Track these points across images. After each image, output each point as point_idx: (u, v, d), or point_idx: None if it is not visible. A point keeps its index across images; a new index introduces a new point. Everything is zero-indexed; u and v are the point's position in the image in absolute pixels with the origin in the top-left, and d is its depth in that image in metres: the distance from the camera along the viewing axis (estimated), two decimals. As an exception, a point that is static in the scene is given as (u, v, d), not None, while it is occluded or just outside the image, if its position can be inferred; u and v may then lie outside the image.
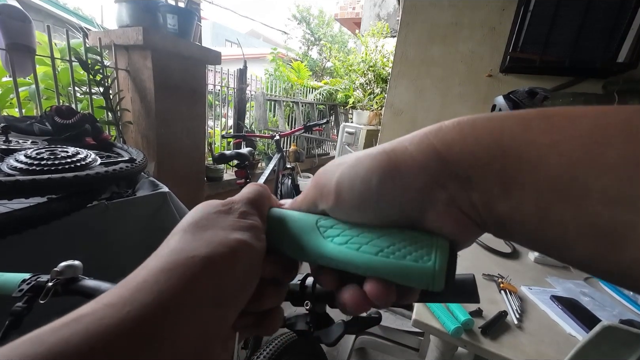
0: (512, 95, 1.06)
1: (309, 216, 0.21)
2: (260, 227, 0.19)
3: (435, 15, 1.90)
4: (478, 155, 0.14)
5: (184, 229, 0.18)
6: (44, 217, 0.64)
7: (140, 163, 0.87)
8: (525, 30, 1.57)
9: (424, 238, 0.17)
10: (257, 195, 0.21)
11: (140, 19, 1.37)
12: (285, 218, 0.21)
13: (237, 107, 2.46)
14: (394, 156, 0.17)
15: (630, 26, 1.35)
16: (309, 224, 0.20)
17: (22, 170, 0.65)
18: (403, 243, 0.17)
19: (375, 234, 0.18)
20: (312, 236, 0.20)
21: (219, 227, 0.18)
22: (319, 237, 0.19)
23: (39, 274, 0.43)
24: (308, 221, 0.20)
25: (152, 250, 0.20)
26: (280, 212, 0.22)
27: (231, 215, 0.19)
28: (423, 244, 0.17)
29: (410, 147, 0.16)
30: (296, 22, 7.52)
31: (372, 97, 3.58)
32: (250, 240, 0.17)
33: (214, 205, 0.19)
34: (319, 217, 0.21)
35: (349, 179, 0.18)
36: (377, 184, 0.17)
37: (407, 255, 0.17)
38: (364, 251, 0.18)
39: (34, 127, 0.93)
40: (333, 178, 0.19)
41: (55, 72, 1.25)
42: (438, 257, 0.16)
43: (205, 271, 0.15)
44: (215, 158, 1.37)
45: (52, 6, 4.90)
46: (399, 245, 0.17)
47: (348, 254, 0.18)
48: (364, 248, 0.18)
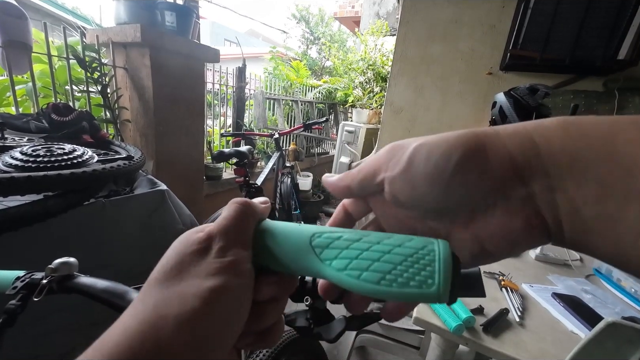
0: (513, 92, 1.05)
1: (301, 232, 0.19)
2: (243, 259, 0.18)
3: (435, 13, 1.89)
4: (583, 155, 0.13)
5: (157, 278, 0.17)
6: (40, 215, 0.63)
7: (138, 161, 0.87)
8: (526, 27, 1.57)
9: (425, 252, 0.16)
10: (236, 219, 0.19)
11: (138, 16, 1.36)
12: (276, 234, 0.20)
13: (236, 105, 2.45)
14: (484, 138, 0.15)
15: (631, 23, 1.34)
16: (303, 243, 0.19)
17: (18, 167, 0.64)
18: (405, 265, 0.16)
19: (374, 254, 0.17)
20: (308, 257, 0.18)
21: (193, 275, 0.16)
22: (315, 260, 0.18)
23: (33, 272, 0.42)
24: (301, 239, 0.19)
25: (149, 248, 0.19)
26: (270, 227, 0.20)
27: (208, 256, 0.17)
28: (425, 262, 0.16)
29: (503, 133, 0.15)
30: (295, 21, 7.50)
31: (372, 96, 3.58)
32: (229, 283, 0.16)
33: (190, 243, 0.18)
34: (313, 232, 0.19)
35: (428, 149, 0.17)
36: (456, 161, 0.15)
37: (410, 281, 0.16)
38: (365, 280, 0.17)
39: (30, 125, 0.92)
40: (410, 145, 0.18)
41: (53, 69, 1.24)
42: (442, 277, 0.16)
43: (180, 330, 0.14)
44: (214, 156, 1.37)
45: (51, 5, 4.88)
46: (400, 268, 0.16)
47: (350, 282, 0.17)
48: (365, 276, 0.17)
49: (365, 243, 0.18)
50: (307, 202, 2.92)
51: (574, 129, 0.14)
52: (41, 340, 0.68)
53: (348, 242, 0.18)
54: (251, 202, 0.21)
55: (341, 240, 0.18)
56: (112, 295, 0.38)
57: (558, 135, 0.14)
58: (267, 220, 0.21)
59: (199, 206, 1.82)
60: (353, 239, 0.18)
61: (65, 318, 0.69)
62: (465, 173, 0.15)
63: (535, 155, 0.14)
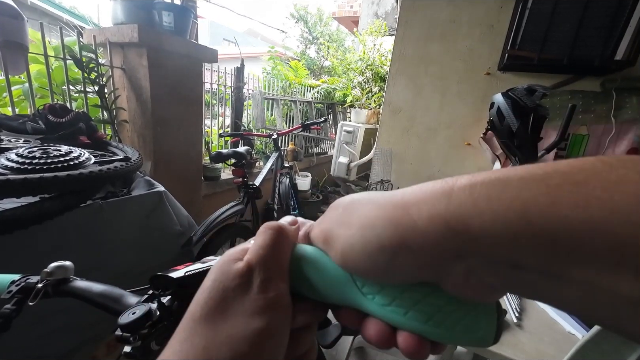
0: (510, 93, 1.05)
1: None
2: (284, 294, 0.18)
3: (433, 13, 1.90)
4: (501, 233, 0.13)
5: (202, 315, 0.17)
6: (36, 217, 0.63)
7: (135, 162, 0.86)
8: (523, 28, 1.57)
9: None
10: (273, 248, 0.19)
11: (136, 16, 1.35)
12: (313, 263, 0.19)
13: (234, 105, 2.44)
14: (403, 231, 0.15)
15: (628, 24, 1.35)
16: (343, 274, 0.18)
17: (14, 169, 0.63)
18: (450, 307, 0.16)
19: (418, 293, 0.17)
20: (348, 289, 0.18)
21: (239, 313, 0.16)
22: (357, 293, 0.18)
23: (28, 275, 0.42)
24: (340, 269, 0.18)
25: (147, 250, 0.18)
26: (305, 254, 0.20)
27: (251, 291, 0.17)
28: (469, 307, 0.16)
29: (419, 221, 0.15)
30: (294, 21, 7.49)
31: (371, 96, 3.58)
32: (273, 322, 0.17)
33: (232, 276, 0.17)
34: None
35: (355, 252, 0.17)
36: (385, 261, 0.16)
37: (456, 325, 0.16)
38: (412, 318, 0.17)
39: (26, 126, 0.91)
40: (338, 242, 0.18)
41: (49, 70, 1.24)
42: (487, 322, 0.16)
43: None
44: (212, 157, 1.36)
45: (48, 4, 4.85)
46: (446, 309, 0.16)
47: (395, 318, 0.17)
48: (411, 315, 0.17)
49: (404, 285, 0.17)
50: (306, 202, 2.92)
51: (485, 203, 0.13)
52: (40, 342, 0.67)
53: None
54: (285, 227, 0.20)
55: None
56: (108, 299, 0.38)
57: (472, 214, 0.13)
58: (300, 246, 0.21)
59: (197, 207, 1.82)
60: None
61: (63, 320, 0.69)
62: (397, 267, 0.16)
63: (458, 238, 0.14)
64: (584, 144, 1.52)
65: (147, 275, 0.31)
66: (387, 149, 2.16)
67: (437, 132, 1.99)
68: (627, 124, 1.41)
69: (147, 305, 0.30)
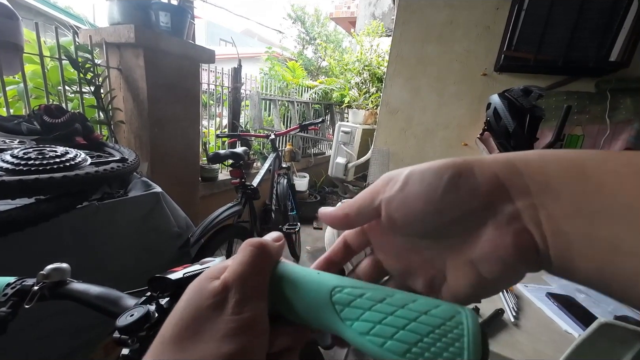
0: (507, 94, 1.06)
1: (321, 284, 0.18)
2: (261, 315, 0.17)
3: (430, 14, 1.91)
4: (557, 173, 0.15)
5: (172, 337, 0.16)
6: (31, 219, 0.62)
7: (132, 163, 0.86)
8: (519, 29, 1.58)
9: (454, 325, 0.16)
10: (253, 265, 0.18)
11: (132, 16, 1.35)
12: (294, 283, 0.19)
13: (231, 106, 2.44)
14: (471, 161, 0.17)
15: (622, 25, 1.36)
16: (323, 297, 0.18)
17: (8, 170, 0.63)
18: (432, 337, 0.16)
19: (399, 320, 0.16)
20: (328, 313, 0.17)
21: (210, 336, 0.16)
22: (335, 318, 0.17)
23: (24, 278, 0.42)
24: (321, 292, 0.18)
25: (144, 251, 0.18)
26: (287, 273, 0.19)
27: (224, 312, 0.16)
28: (453, 337, 0.15)
29: (487, 158, 0.17)
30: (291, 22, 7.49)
31: (368, 96, 3.59)
32: (247, 345, 0.16)
33: (206, 295, 0.17)
34: (333, 285, 0.18)
35: (421, 171, 0.18)
36: (447, 179, 0.17)
37: (436, 357, 0.15)
38: (389, 349, 0.16)
39: (21, 127, 0.90)
40: (405, 170, 0.19)
41: (45, 70, 1.23)
42: (472, 356, 0.15)
43: None
44: (210, 158, 1.36)
45: (42, 4, 4.81)
46: (427, 340, 0.16)
47: (372, 350, 0.16)
48: (389, 345, 0.16)
49: (390, 306, 0.17)
50: (304, 202, 2.91)
51: (549, 155, 0.16)
52: (36, 345, 0.67)
53: (371, 302, 0.17)
54: (267, 244, 0.20)
55: (364, 299, 0.17)
56: (106, 301, 0.37)
57: (535, 159, 0.16)
58: (282, 264, 0.20)
59: (195, 208, 1.81)
60: (376, 298, 0.17)
61: (59, 322, 0.68)
62: (456, 190, 0.17)
63: (517, 174, 0.16)
64: (579, 145, 1.53)
65: (145, 277, 0.31)
66: (384, 149, 2.17)
67: (435, 133, 2.00)
68: (621, 125, 1.43)
69: (145, 307, 0.30)
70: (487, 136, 1.71)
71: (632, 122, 1.40)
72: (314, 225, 2.85)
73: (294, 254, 2.16)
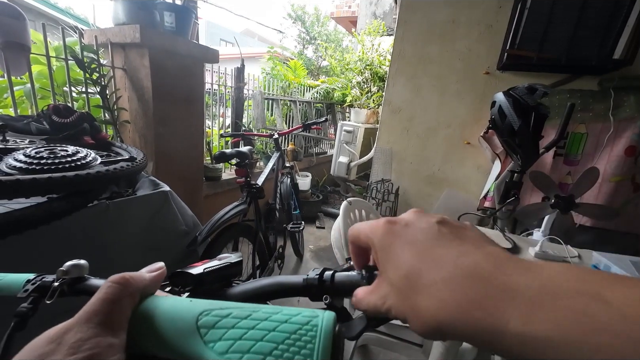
0: (512, 92, 1.06)
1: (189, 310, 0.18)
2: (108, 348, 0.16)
3: (432, 13, 1.91)
4: None
5: None
6: (45, 217, 0.63)
7: (140, 162, 0.86)
8: (522, 27, 1.59)
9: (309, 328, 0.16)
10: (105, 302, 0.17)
11: (137, 16, 1.35)
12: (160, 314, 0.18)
13: (234, 106, 2.44)
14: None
15: (626, 23, 1.37)
16: (189, 323, 0.17)
17: (22, 169, 0.63)
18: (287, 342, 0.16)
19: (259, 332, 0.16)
20: (191, 339, 0.17)
21: None
22: (198, 343, 0.17)
23: (44, 274, 0.42)
24: (187, 318, 0.17)
25: (152, 249, 0.18)
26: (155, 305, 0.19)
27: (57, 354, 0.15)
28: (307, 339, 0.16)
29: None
30: (291, 21, 7.49)
31: (370, 96, 3.59)
32: None
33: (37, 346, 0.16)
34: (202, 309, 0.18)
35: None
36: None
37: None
38: None
39: (31, 126, 0.91)
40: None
41: (51, 70, 1.23)
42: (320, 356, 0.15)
43: None
44: (215, 157, 1.36)
45: (43, 5, 4.82)
46: (282, 346, 0.16)
47: None
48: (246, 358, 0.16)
49: (253, 320, 0.17)
50: (307, 202, 2.92)
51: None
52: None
53: (236, 319, 0.17)
54: (129, 278, 0.19)
55: (229, 317, 0.17)
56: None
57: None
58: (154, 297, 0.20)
59: (199, 207, 1.81)
60: (242, 315, 0.17)
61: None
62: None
63: None
64: (583, 142, 1.54)
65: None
66: (387, 148, 2.17)
67: (437, 131, 2.00)
68: (625, 122, 1.43)
69: (168, 302, 0.31)
70: (490, 134, 1.71)
71: (636, 120, 1.40)
72: (316, 225, 2.85)
73: (297, 253, 2.17)
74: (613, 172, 1.45)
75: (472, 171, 1.94)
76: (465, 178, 1.97)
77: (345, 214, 1.08)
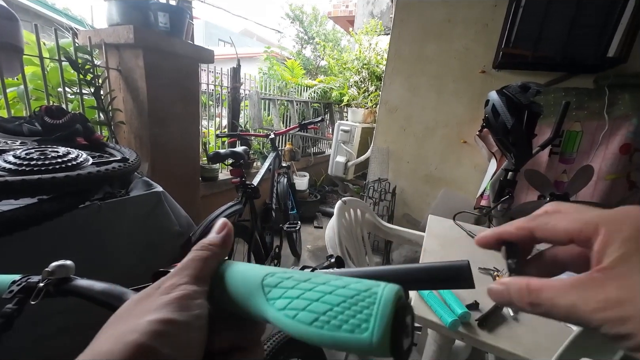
0: (505, 90, 1.06)
1: (256, 271, 0.19)
2: (192, 294, 0.18)
3: (428, 12, 1.91)
4: None
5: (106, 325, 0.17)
6: (35, 218, 0.63)
7: (133, 162, 0.86)
8: (517, 26, 1.59)
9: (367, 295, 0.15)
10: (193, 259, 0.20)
11: (131, 17, 1.35)
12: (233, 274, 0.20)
13: (231, 106, 2.44)
14: None
15: (620, 21, 1.37)
16: (255, 283, 0.19)
17: (11, 170, 0.63)
18: (343, 305, 0.16)
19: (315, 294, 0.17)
20: (257, 297, 0.18)
21: (136, 314, 0.17)
22: (261, 299, 0.18)
23: (29, 275, 0.42)
24: (255, 278, 0.19)
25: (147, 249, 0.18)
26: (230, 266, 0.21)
27: (155, 293, 0.18)
28: (364, 305, 0.15)
29: None
30: (289, 21, 7.48)
31: (367, 95, 3.59)
32: (170, 315, 0.16)
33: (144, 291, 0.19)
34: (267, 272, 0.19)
35: None
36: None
37: (342, 324, 0.15)
38: (299, 320, 0.16)
39: (22, 128, 0.91)
40: None
41: (45, 72, 1.23)
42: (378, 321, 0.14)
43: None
44: (210, 157, 1.36)
45: (40, 6, 4.81)
46: (337, 309, 0.16)
47: (285, 323, 0.16)
48: (300, 316, 0.16)
49: (312, 283, 0.17)
50: (304, 202, 2.92)
51: None
52: (41, 344, 0.67)
53: (295, 282, 0.18)
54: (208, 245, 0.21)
55: (290, 280, 0.18)
56: (110, 297, 0.38)
57: None
58: (230, 262, 0.21)
59: (196, 207, 1.81)
60: (301, 279, 0.18)
61: (63, 321, 0.69)
62: None
63: None
64: (578, 140, 1.54)
65: (147, 276, 0.31)
66: (384, 147, 2.18)
67: (434, 131, 2.00)
68: (619, 120, 1.43)
69: (149, 301, 0.31)
70: (485, 133, 1.71)
71: (631, 117, 1.40)
72: (314, 224, 2.85)
73: (295, 253, 2.17)
74: (608, 170, 1.45)
75: (469, 170, 1.94)
76: (462, 177, 1.97)
77: (340, 214, 1.08)
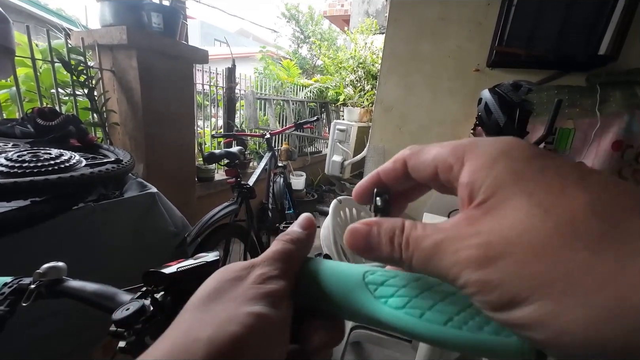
0: (497, 89, 1.07)
1: (353, 268, 0.19)
2: (282, 290, 0.18)
3: (422, 11, 1.92)
4: None
5: (194, 303, 0.17)
6: (27, 220, 0.63)
7: (127, 164, 0.86)
8: (510, 25, 1.60)
9: None
10: (281, 253, 0.19)
11: (124, 17, 1.34)
12: (325, 271, 0.19)
13: (226, 106, 2.44)
14: None
15: (610, 19, 1.38)
16: (356, 279, 0.18)
17: (3, 173, 0.63)
18: (475, 307, 0.14)
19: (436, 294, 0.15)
20: (360, 295, 0.17)
21: (231, 299, 0.16)
22: (368, 297, 0.17)
23: (21, 277, 0.42)
24: (354, 275, 0.18)
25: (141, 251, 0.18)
26: (319, 263, 0.20)
27: (247, 281, 0.17)
28: None
29: None
30: (285, 20, 7.47)
31: (363, 94, 3.59)
32: (265, 311, 0.16)
33: (232, 270, 0.18)
34: (366, 269, 0.18)
35: None
36: None
37: (483, 325, 0.13)
38: (429, 320, 0.15)
39: (15, 130, 0.90)
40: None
41: (37, 73, 1.22)
42: None
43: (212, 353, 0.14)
44: (205, 158, 1.36)
45: (34, 7, 4.76)
46: (469, 310, 0.14)
47: (409, 322, 0.15)
48: (428, 315, 0.15)
49: (425, 283, 0.16)
50: (301, 201, 2.92)
51: None
52: (34, 345, 0.67)
53: (404, 281, 0.17)
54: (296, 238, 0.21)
55: (397, 278, 0.17)
56: (102, 297, 0.38)
57: None
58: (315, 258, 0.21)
59: (192, 208, 1.81)
60: (409, 279, 0.17)
61: (57, 323, 0.69)
62: None
63: None
64: (571, 138, 1.56)
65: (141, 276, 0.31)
66: (380, 146, 2.18)
67: (429, 129, 2.01)
68: (611, 117, 1.45)
69: (140, 302, 0.31)
70: (479, 131, 1.72)
71: (622, 115, 1.42)
72: (311, 224, 2.86)
73: (292, 252, 2.17)
74: (600, 166, 1.46)
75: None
76: (457, 175, 1.98)
77: (335, 213, 1.08)
